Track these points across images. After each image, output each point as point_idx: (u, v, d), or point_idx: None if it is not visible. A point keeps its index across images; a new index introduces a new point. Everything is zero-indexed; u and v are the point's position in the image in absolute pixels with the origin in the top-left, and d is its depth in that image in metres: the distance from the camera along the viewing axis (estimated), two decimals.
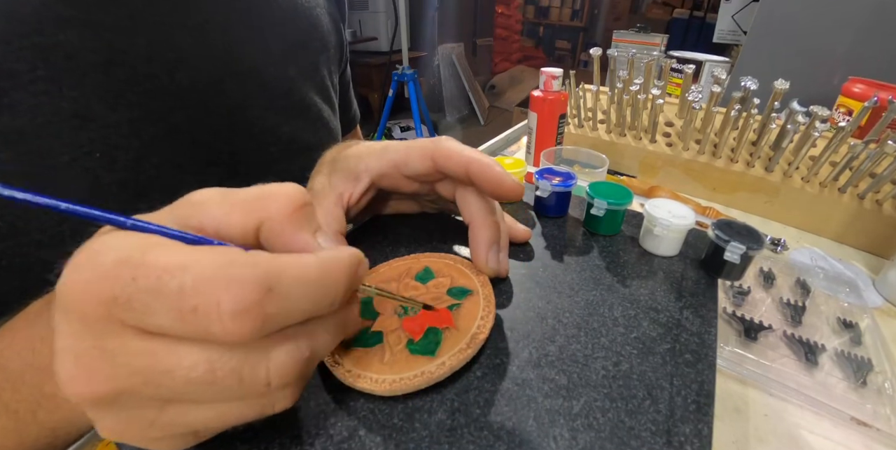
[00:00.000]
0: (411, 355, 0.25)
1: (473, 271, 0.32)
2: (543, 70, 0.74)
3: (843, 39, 1.03)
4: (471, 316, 0.28)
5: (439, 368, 0.25)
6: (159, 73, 0.36)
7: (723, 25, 1.65)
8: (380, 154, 0.34)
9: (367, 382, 0.24)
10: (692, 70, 0.75)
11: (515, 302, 0.32)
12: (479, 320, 0.27)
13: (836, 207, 0.67)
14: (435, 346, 0.26)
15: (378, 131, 2.80)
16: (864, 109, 0.63)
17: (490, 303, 0.29)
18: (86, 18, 0.32)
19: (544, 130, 0.79)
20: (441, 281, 0.31)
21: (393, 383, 0.24)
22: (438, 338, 0.26)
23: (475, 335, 0.26)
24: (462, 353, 0.25)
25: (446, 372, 0.25)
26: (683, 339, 0.30)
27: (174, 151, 0.37)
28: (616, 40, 1.92)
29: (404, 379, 0.24)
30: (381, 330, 0.28)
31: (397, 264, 0.34)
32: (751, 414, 0.40)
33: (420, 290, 0.31)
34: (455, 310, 0.28)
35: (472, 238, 0.32)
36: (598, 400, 0.25)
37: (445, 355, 0.25)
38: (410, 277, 0.32)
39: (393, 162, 0.33)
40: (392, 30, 2.67)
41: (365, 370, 0.25)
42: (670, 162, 0.80)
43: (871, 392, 0.41)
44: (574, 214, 0.44)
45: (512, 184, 0.30)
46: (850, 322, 0.49)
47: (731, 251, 0.35)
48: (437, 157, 0.31)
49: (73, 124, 0.32)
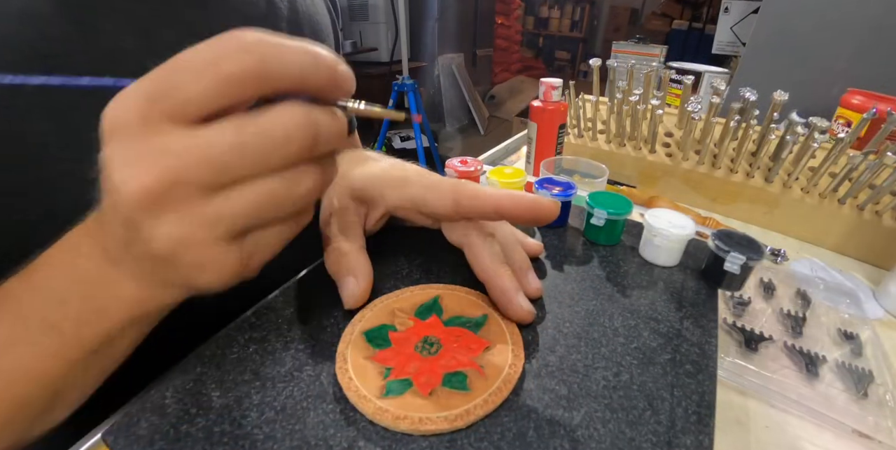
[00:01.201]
0: (446, 389, 0.26)
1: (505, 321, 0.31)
2: (543, 80, 0.74)
3: (842, 51, 1.04)
4: (496, 366, 0.27)
5: (480, 407, 0.25)
6: None
7: (722, 37, 1.66)
8: (398, 187, 0.34)
9: (409, 423, 0.24)
10: (691, 81, 0.76)
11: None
12: (504, 374, 0.27)
13: (835, 217, 0.67)
14: (463, 384, 0.26)
15: (378, 141, 2.81)
16: (863, 121, 0.63)
17: (518, 358, 0.28)
18: (96, 25, 0.33)
19: (544, 140, 0.79)
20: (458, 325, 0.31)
21: (430, 421, 0.24)
22: (465, 379, 0.26)
23: (499, 388, 0.26)
24: (498, 395, 0.25)
25: (482, 415, 0.25)
26: (684, 349, 0.30)
27: None
28: (615, 51, 1.93)
29: (441, 418, 0.24)
30: (392, 366, 0.27)
31: (412, 293, 0.34)
32: (752, 426, 0.40)
33: (437, 328, 0.30)
34: (479, 358, 0.28)
35: (494, 289, 0.32)
36: (599, 411, 0.25)
37: (481, 395, 0.25)
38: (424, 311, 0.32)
39: (411, 199, 0.34)
40: (392, 40, 2.69)
41: (403, 409, 0.25)
42: (670, 172, 0.80)
43: (873, 404, 0.41)
44: (574, 224, 0.44)
45: (549, 204, 0.30)
46: (851, 333, 0.49)
47: (732, 262, 0.35)
48: (462, 199, 0.31)
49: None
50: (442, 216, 0.33)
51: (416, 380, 0.26)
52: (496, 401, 0.25)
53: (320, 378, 0.27)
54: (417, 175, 0.35)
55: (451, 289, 0.34)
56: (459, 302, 0.32)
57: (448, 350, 0.28)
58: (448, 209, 0.32)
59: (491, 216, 0.31)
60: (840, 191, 0.67)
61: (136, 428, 0.24)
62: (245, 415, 0.25)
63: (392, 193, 0.35)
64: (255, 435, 0.24)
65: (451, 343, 0.29)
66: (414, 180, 0.34)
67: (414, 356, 0.28)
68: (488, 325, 0.31)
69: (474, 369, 0.27)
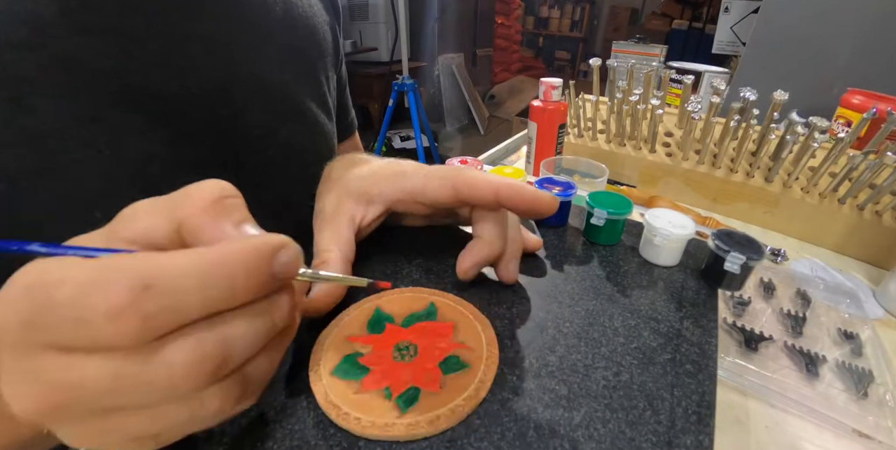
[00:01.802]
0: (384, 400, 0.25)
1: (482, 324, 0.30)
2: (543, 80, 0.74)
3: (842, 51, 1.04)
4: (460, 387, 0.26)
5: (401, 427, 0.24)
6: (170, 79, 0.37)
7: (722, 36, 1.66)
8: (395, 180, 0.34)
9: (351, 422, 0.24)
10: (691, 81, 0.76)
11: (515, 312, 0.32)
12: (461, 399, 0.25)
13: (835, 217, 0.67)
14: (410, 402, 0.25)
15: (378, 141, 2.81)
16: (863, 121, 0.63)
17: (486, 378, 0.27)
18: (103, 26, 0.33)
19: (544, 140, 0.79)
20: (444, 327, 0.30)
21: (364, 426, 0.24)
22: (417, 396, 0.25)
23: (455, 409, 0.25)
24: (427, 426, 0.24)
25: (402, 435, 0.24)
26: (684, 349, 0.30)
27: (180, 152, 0.38)
28: (615, 51, 1.93)
29: (372, 424, 0.24)
30: (370, 366, 0.27)
31: (403, 296, 0.33)
32: (752, 426, 0.40)
33: (419, 334, 0.29)
34: (448, 376, 0.27)
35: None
36: (599, 411, 0.25)
37: (412, 416, 0.24)
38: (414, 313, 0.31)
39: (409, 190, 0.34)
40: (392, 40, 2.68)
41: (346, 405, 0.24)
42: (670, 172, 0.80)
43: (873, 404, 0.41)
44: (574, 224, 0.44)
45: (549, 198, 0.30)
46: (851, 333, 0.49)
47: (732, 261, 0.35)
48: (460, 186, 0.31)
49: (88, 126, 0.33)
50: (441, 204, 0.33)
51: (421, 384, 0.26)
52: (494, 362, 0.27)
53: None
54: (414, 168, 0.35)
55: (385, 296, 0.33)
56: (401, 303, 0.32)
57: (425, 346, 0.28)
58: (447, 196, 0.32)
59: (490, 203, 0.31)
60: (840, 191, 0.67)
61: None
62: (245, 415, 0.25)
63: (389, 187, 0.34)
64: (255, 435, 0.24)
65: (422, 339, 0.29)
66: (411, 172, 0.34)
67: (399, 366, 0.27)
68: (440, 309, 0.31)
69: (459, 347, 0.28)
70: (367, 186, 0.35)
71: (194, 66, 0.38)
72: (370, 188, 0.35)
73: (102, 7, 0.33)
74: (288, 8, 0.48)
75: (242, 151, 0.43)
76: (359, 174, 0.36)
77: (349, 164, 0.39)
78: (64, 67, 0.32)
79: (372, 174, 0.36)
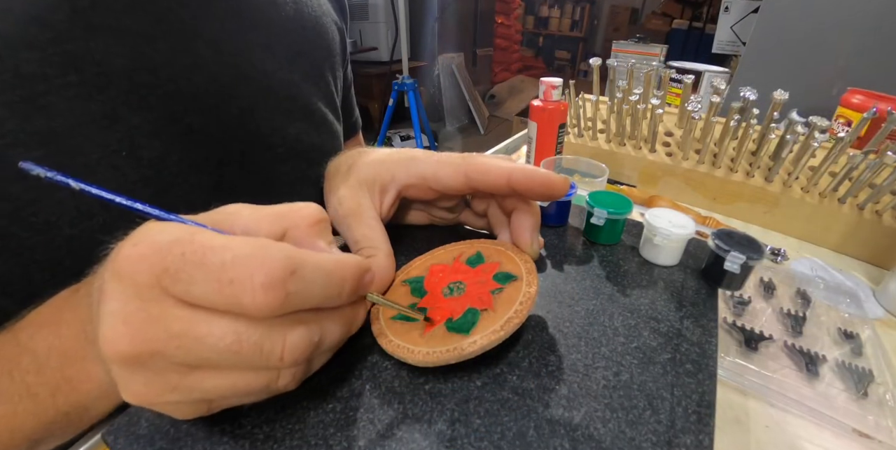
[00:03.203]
0: (448, 333, 0.26)
1: (522, 258, 0.32)
2: (543, 80, 0.74)
3: (842, 50, 1.04)
4: (510, 300, 0.28)
5: (471, 345, 0.25)
6: (178, 77, 0.37)
7: (722, 36, 1.66)
8: (407, 164, 0.34)
9: (404, 351, 0.26)
10: (691, 80, 0.76)
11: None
12: (517, 305, 0.27)
13: (835, 217, 0.67)
14: (471, 325, 0.26)
15: (378, 140, 2.81)
16: (863, 120, 0.63)
17: (531, 289, 0.29)
18: (114, 25, 0.33)
19: (544, 140, 0.79)
20: (489, 266, 0.32)
21: (426, 354, 0.25)
22: (475, 319, 0.27)
23: (510, 319, 0.26)
24: (494, 334, 0.25)
25: (477, 350, 0.25)
26: (684, 349, 0.30)
27: (191, 151, 0.38)
28: (615, 50, 1.93)
29: (437, 352, 0.25)
30: (426, 307, 0.29)
31: (452, 248, 0.35)
32: (752, 425, 0.40)
33: (469, 274, 0.31)
34: (497, 294, 0.28)
35: (518, 224, 0.33)
36: (599, 410, 0.25)
37: (479, 334, 0.26)
38: (462, 261, 0.33)
39: (421, 175, 0.34)
40: (392, 40, 2.69)
41: (405, 342, 0.27)
42: (670, 171, 0.80)
43: (873, 404, 0.41)
44: (574, 224, 0.44)
45: (561, 179, 0.31)
46: (851, 333, 0.49)
47: (732, 261, 0.35)
48: (472, 172, 0.32)
49: (102, 125, 0.33)
50: (454, 190, 0.33)
51: (476, 305, 0.28)
52: (535, 278, 0.29)
53: (320, 378, 0.27)
54: (425, 154, 0.35)
55: (486, 242, 0.35)
56: (497, 254, 0.33)
57: (473, 282, 0.30)
58: (460, 182, 0.32)
59: (503, 189, 0.31)
60: (840, 190, 0.67)
61: (136, 428, 0.24)
62: (245, 414, 0.25)
63: (402, 172, 0.34)
64: (256, 435, 0.24)
65: (469, 278, 0.31)
66: (422, 158, 0.34)
67: (451, 300, 0.29)
68: (485, 253, 0.33)
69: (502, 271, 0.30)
70: (380, 172, 0.35)
71: (203, 64, 0.38)
72: (383, 174, 0.35)
73: (113, 6, 0.33)
74: (298, 7, 0.48)
75: (250, 150, 0.43)
76: (370, 161, 0.36)
77: (356, 154, 0.39)
78: (76, 67, 0.32)
79: (382, 160, 0.36)
